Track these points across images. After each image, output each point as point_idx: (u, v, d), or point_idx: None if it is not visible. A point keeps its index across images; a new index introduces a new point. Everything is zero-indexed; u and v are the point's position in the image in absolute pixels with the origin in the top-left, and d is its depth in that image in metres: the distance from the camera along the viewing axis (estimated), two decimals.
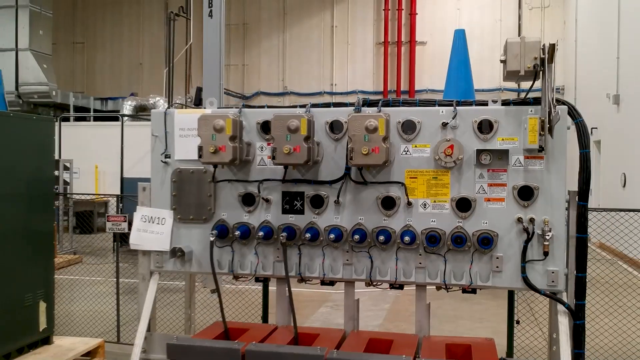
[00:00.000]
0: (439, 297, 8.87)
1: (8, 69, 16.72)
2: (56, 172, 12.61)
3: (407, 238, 3.02)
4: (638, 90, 12.22)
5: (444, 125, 3.04)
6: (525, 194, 2.98)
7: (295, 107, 3.29)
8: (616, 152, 13.79)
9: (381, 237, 3.04)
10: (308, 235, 3.12)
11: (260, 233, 3.17)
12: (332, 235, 3.09)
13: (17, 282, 5.25)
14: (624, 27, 13.34)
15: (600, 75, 15.25)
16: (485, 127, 3.00)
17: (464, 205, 3.03)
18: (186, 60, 19.50)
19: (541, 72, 2.89)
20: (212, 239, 3.19)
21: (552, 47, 2.86)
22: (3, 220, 5.07)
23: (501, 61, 2.96)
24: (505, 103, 3.07)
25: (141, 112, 18.96)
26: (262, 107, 3.38)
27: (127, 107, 18.83)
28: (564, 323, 2.95)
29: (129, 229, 6.19)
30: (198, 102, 10.78)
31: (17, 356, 5.28)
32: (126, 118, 16.82)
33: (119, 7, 24.37)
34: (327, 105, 3.28)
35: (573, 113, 3.03)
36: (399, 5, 21.67)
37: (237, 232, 3.20)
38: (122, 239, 13.34)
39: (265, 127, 3.23)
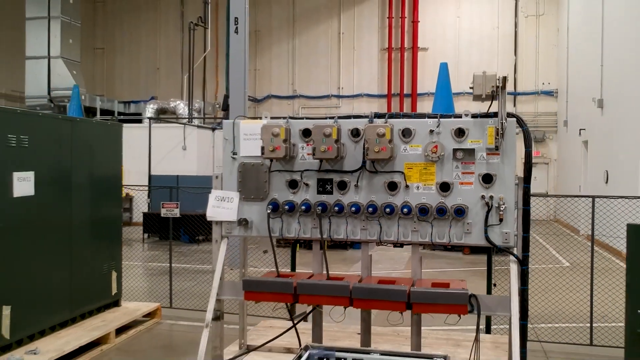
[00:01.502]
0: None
1: (41, 75, 18.15)
2: None
3: (405, 210, 4.35)
4: (619, 96, 13.52)
5: (431, 131, 4.37)
6: (487, 179, 4.30)
7: (325, 118, 4.62)
8: (600, 152, 15.10)
9: (387, 210, 4.38)
10: (336, 208, 4.46)
11: (302, 207, 4.51)
12: (353, 209, 4.42)
13: (96, 254, 6.65)
14: (607, 36, 14.64)
15: (587, 80, 16.55)
16: (459, 133, 4.33)
17: (445, 187, 4.36)
18: (204, 67, 20.87)
19: (497, 95, 4.19)
20: (268, 212, 4.54)
21: (504, 79, 4.18)
22: (87, 207, 6.46)
23: (470, 88, 4.28)
24: (474, 116, 4.38)
25: (162, 115, 20.33)
26: (302, 118, 4.71)
27: (150, 109, 20.21)
28: (513, 268, 4.27)
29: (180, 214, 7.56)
30: (226, 108, 12.10)
31: (96, 314, 6.67)
32: (147, 120, 18.10)
33: (137, 14, 25.77)
34: (349, 117, 4.62)
35: (520, 123, 4.34)
36: (402, 13, 23.00)
37: (286, 207, 4.54)
38: (151, 230, 14.72)
39: (305, 133, 4.56)
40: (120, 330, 6.52)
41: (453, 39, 22.69)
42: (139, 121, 19.60)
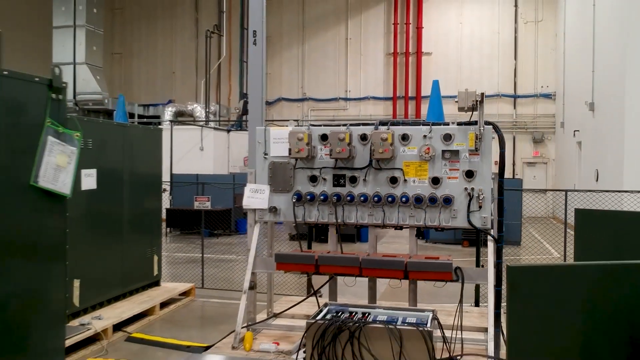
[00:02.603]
0: None
1: (67, 80, 19.30)
2: None
3: (404, 199, 5.43)
4: (608, 100, 14.54)
5: (425, 136, 5.46)
6: (469, 174, 5.37)
7: (339, 125, 5.71)
8: (592, 152, 16.11)
9: (389, 199, 5.46)
10: (348, 198, 5.55)
11: (321, 197, 5.60)
12: (362, 198, 5.51)
13: (141, 241, 7.76)
14: (597, 43, 15.65)
15: (581, 84, 17.55)
16: (447, 137, 5.41)
17: (435, 181, 5.44)
18: (218, 72, 21.99)
19: (477, 107, 5.27)
20: (293, 201, 5.64)
21: (482, 95, 5.26)
22: (134, 200, 7.57)
23: (455, 101, 5.36)
24: (459, 124, 5.46)
25: (180, 117, 21.49)
26: (320, 125, 5.81)
27: (168, 112, 21.36)
28: (490, 246, 5.35)
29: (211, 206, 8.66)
30: (245, 112, 13.21)
31: (142, 291, 7.78)
32: (167, 122, 19.25)
33: (154, 21, 26.93)
34: (358, 124, 5.71)
35: (495, 130, 5.41)
36: (407, 19, 24.06)
37: (307, 197, 5.64)
38: (173, 224, 15.79)
39: (323, 137, 5.65)
40: (162, 305, 7.63)
41: (455, 44, 23.72)
42: (158, 123, 20.77)
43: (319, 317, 4.59)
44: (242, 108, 13.60)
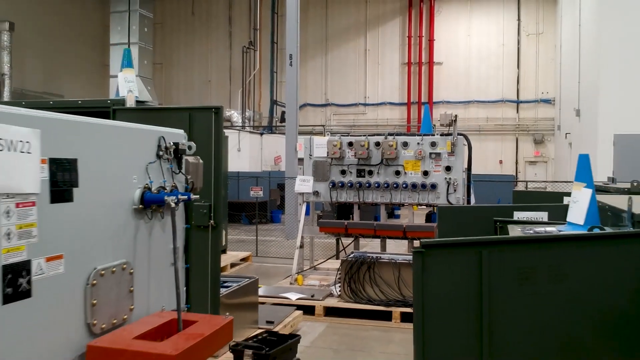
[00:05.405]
0: None
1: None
2: None
3: (404, 185, 8.12)
4: (589, 107, 17.01)
5: (418, 143, 8.14)
6: (448, 169, 8.04)
7: (360, 136, 8.42)
8: (577, 152, 18.56)
9: (395, 185, 8.15)
10: (367, 185, 8.25)
11: (349, 184, 8.32)
12: (376, 185, 8.21)
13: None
14: (582, 57, 18.10)
15: (571, 92, 20.00)
16: (433, 144, 8.08)
17: (425, 173, 8.11)
18: (253, 84, 24.78)
19: (452, 125, 7.93)
20: (330, 187, 8.36)
21: (456, 116, 7.92)
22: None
23: (438, 120, 8.02)
24: (441, 135, 8.12)
25: None
26: (346, 134, 8.52)
27: None
28: None
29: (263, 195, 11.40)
30: (283, 120, 15.87)
31: None
32: None
33: (192, 34, 29.81)
34: (373, 134, 8.41)
35: (465, 139, 8.06)
36: (420, 32, 26.61)
37: (339, 184, 8.36)
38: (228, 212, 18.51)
39: (350, 144, 8.35)
40: (230, 266, 10.40)
41: (464, 54, 26.23)
42: None
43: (349, 257, 7.30)
44: (281, 117, 16.16)
